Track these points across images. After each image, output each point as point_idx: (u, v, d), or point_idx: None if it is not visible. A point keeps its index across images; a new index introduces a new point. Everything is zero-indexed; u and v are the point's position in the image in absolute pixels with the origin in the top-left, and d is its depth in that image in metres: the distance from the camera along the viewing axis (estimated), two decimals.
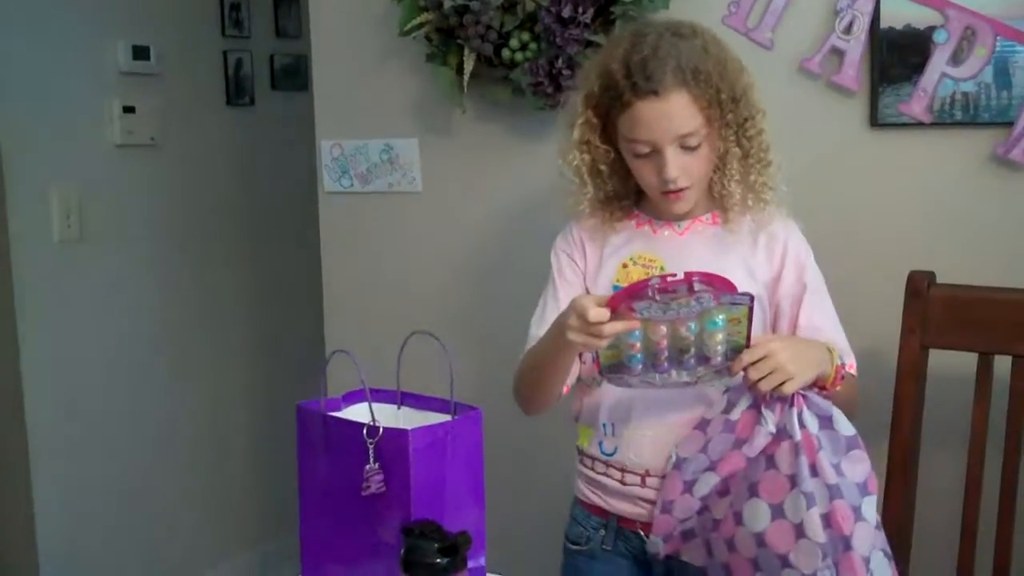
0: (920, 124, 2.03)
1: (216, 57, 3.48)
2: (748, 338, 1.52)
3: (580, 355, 1.69)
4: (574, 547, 1.79)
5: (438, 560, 1.21)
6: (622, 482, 1.70)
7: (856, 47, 2.05)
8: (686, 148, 1.60)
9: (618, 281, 1.68)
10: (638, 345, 1.53)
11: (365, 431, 1.36)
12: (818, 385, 1.56)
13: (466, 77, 2.26)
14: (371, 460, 1.36)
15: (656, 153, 1.60)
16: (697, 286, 1.46)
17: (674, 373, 1.57)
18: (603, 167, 1.69)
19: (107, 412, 3.15)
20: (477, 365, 1.88)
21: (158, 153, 3.27)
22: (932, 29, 1.99)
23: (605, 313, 1.46)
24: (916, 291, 1.88)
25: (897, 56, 2.03)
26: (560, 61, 2.16)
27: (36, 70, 2.90)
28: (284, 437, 1.88)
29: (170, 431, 3.35)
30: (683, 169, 1.60)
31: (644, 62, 1.58)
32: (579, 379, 1.75)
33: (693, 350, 1.55)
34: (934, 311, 1.87)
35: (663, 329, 1.52)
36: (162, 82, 3.26)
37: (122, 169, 3.16)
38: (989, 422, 1.84)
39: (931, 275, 1.89)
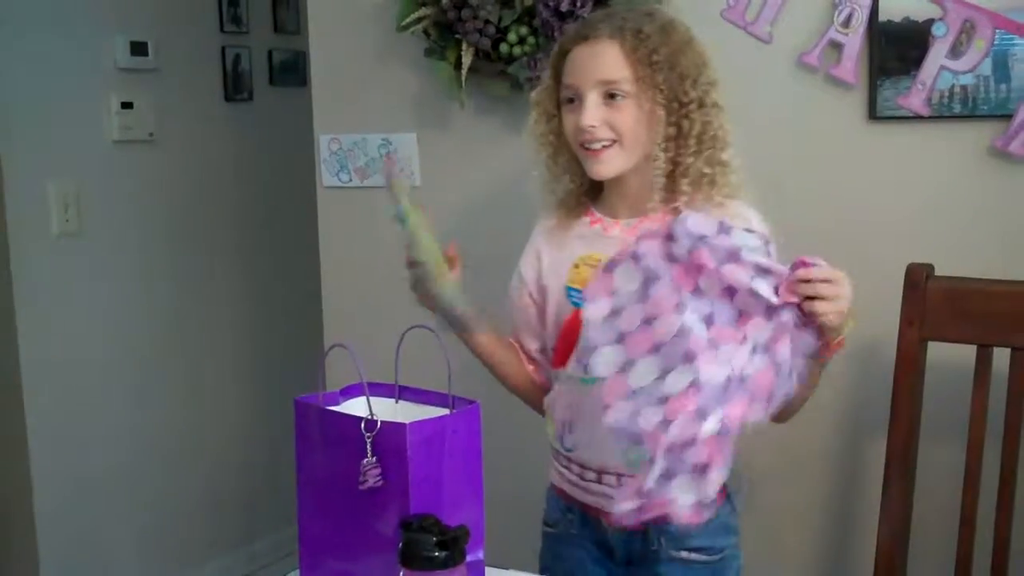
0: (919, 117, 2.03)
1: (214, 53, 3.49)
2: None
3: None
4: (548, 529, 1.83)
5: (436, 554, 1.20)
6: (581, 477, 1.71)
7: (855, 40, 2.04)
8: (609, 99, 1.59)
9: (571, 282, 1.68)
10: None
11: (363, 425, 1.36)
12: (827, 339, 1.49)
13: (464, 71, 2.26)
14: (369, 454, 1.36)
15: (579, 102, 1.61)
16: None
17: None
18: (558, 161, 1.71)
19: (105, 405, 3.16)
20: (475, 359, 1.87)
21: (156, 148, 3.27)
22: (931, 22, 1.99)
23: None
24: (914, 283, 1.88)
25: (895, 49, 2.03)
26: None
27: (34, 65, 2.90)
28: (282, 431, 1.87)
29: (168, 424, 3.35)
30: (603, 120, 1.60)
31: (590, 19, 1.66)
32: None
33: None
34: (932, 303, 1.87)
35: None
36: (160, 78, 3.26)
37: (120, 164, 3.16)
38: (988, 414, 1.84)
39: (929, 267, 1.89)
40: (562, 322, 1.69)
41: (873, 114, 2.06)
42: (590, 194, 1.74)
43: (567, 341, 1.65)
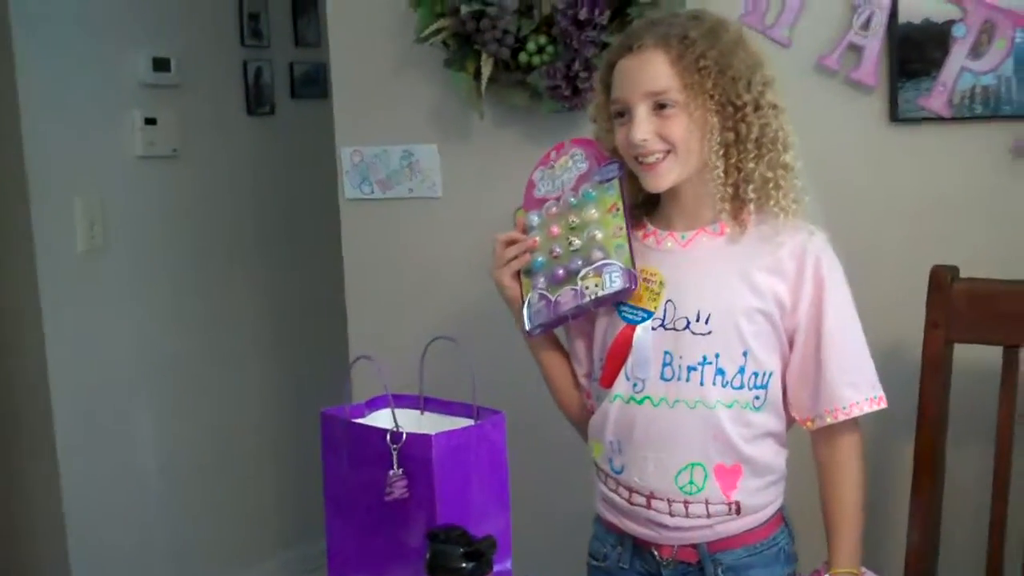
0: (940, 118, 2.02)
1: (236, 67, 3.50)
2: (628, 231, 1.59)
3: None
4: (594, 563, 1.76)
5: (463, 565, 1.21)
6: (629, 501, 1.65)
7: (874, 43, 2.04)
8: (659, 109, 1.55)
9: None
10: (538, 240, 1.66)
11: (388, 437, 1.37)
12: None
13: (484, 82, 2.27)
14: (395, 466, 1.36)
15: (630, 115, 1.57)
16: (568, 145, 1.69)
17: (568, 288, 1.61)
18: None
19: (132, 418, 3.18)
20: (499, 369, 1.88)
21: (180, 163, 3.29)
22: (951, 23, 1.98)
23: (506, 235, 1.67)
24: (939, 285, 1.87)
25: (916, 51, 2.02)
26: (577, 64, 2.16)
27: (58, 83, 2.92)
28: (309, 443, 1.88)
29: (194, 437, 3.37)
30: (654, 133, 1.55)
31: (634, 28, 1.61)
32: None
33: (579, 242, 1.61)
34: (957, 305, 1.86)
35: (554, 211, 1.66)
36: (183, 93, 3.28)
37: (145, 180, 3.18)
38: (1015, 415, 1.83)
39: (954, 269, 1.88)
40: (611, 339, 1.65)
41: (894, 116, 2.06)
42: (643, 206, 1.69)
43: (616, 358, 1.63)
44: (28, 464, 3.03)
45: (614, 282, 1.58)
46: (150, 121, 3.16)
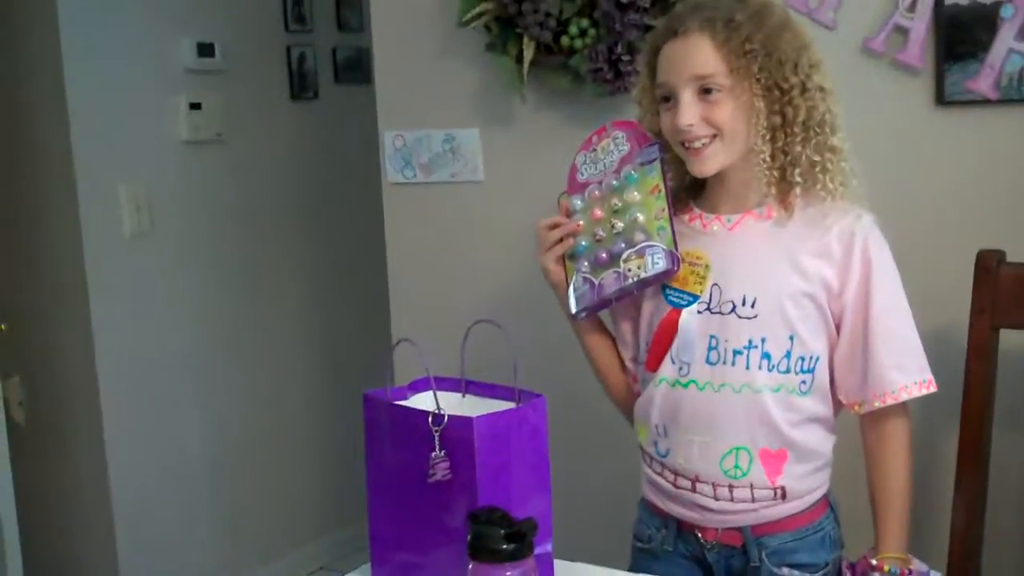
0: (987, 101, 2.00)
1: (280, 52, 3.52)
2: (670, 212, 1.59)
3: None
4: (640, 544, 1.76)
5: (505, 546, 1.21)
6: (675, 484, 1.65)
7: (920, 25, 2.02)
8: (705, 94, 1.54)
9: (667, 281, 1.63)
10: (581, 224, 1.66)
11: (430, 419, 1.37)
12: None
13: (526, 65, 2.27)
14: (437, 448, 1.37)
15: (675, 100, 1.56)
16: (610, 128, 1.68)
17: (611, 271, 1.61)
18: None
19: (178, 400, 3.22)
20: (541, 353, 1.88)
21: (225, 148, 3.31)
22: (998, 4, 1.96)
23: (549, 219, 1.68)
24: (986, 270, 1.85)
25: (963, 33, 2.00)
26: (620, 47, 2.16)
27: (104, 69, 2.96)
28: (351, 425, 1.89)
29: (239, 420, 3.41)
30: (700, 117, 1.54)
31: (678, 11, 1.60)
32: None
33: (622, 225, 1.61)
34: (1004, 290, 1.84)
35: (597, 195, 1.67)
36: (227, 78, 3.30)
37: (190, 164, 3.21)
38: None
39: (1001, 253, 1.86)
40: (657, 323, 1.65)
41: (940, 99, 2.04)
42: (690, 190, 1.69)
43: (662, 342, 1.63)
44: (77, 446, 3.07)
45: (657, 264, 1.57)
46: (195, 106, 3.19)
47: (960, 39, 2.00)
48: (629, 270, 1.60)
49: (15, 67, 2.97)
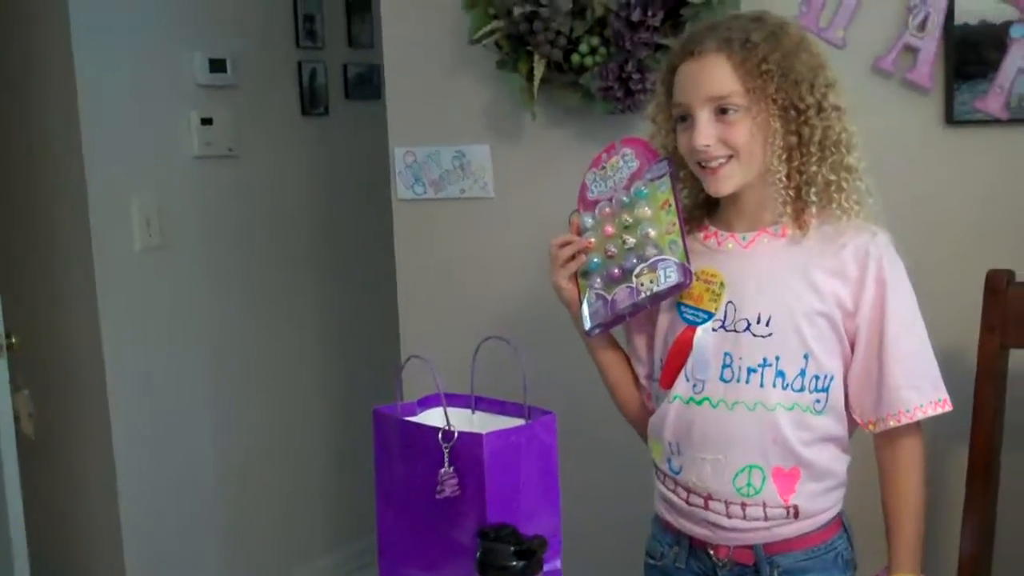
0: (997, 121, 2.00)
1: (291, 68, 3.54)
2: (681, 226, 1.59)
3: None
4: (651, 561, 1.75)
5: (514, 563, 1.21)
6: (687, 502, 1.65)
7: (930, 44, 2.02)
8: (721, 114, 1.54)
9: (683, 298, 1.62)
10: (592, 241, 1.67)
11: (440, 435, 1.38)
12: None
13: (536, 83, 2.27)
14: (446, 464, 1.37)
15: (692, 120, 1.56)
16: (619, 146, 1.70)
17: (624, 286, 1.62)
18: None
19: (187, 413, 3.23)
20: (550, 370, 1.88)
21: (236, 163, 3.32)
22: (1008, 24, 1.96)
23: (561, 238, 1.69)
24: (995, 290, 1.85)
25: (972, 52, 2.00)
26: (630, 65, 2.16)
27: (116, 84, 2.97)
28: (361, 441, 1.90)
29: (248, 435, 3.40)
30: (716, 138, 1.54)
31: (695, 31, 1.60)
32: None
33: (633, 240, 1.62)
34: (1013, 310, 1.84)
35: (607, 211, 1.67)
36: (238, 93, 3.32)
37: (201, 179, 3.22)
38: None
39: (1010, 273, 1.86)
40: (672, 340, 1.65)
41: (950, 118, 2.04)
42: (704, 208, 1.69)
43: (676, 359, 1.63)
44: (86, 459, 3.08)
45: (669, 277, 1.58)
46: (206, 121, 3.20)
47: (970, 59, 2.01)
48: (642, 284, 1.60)
49: (27, 80, 2.99)
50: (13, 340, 2.63)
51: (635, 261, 1.61)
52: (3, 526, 2.65)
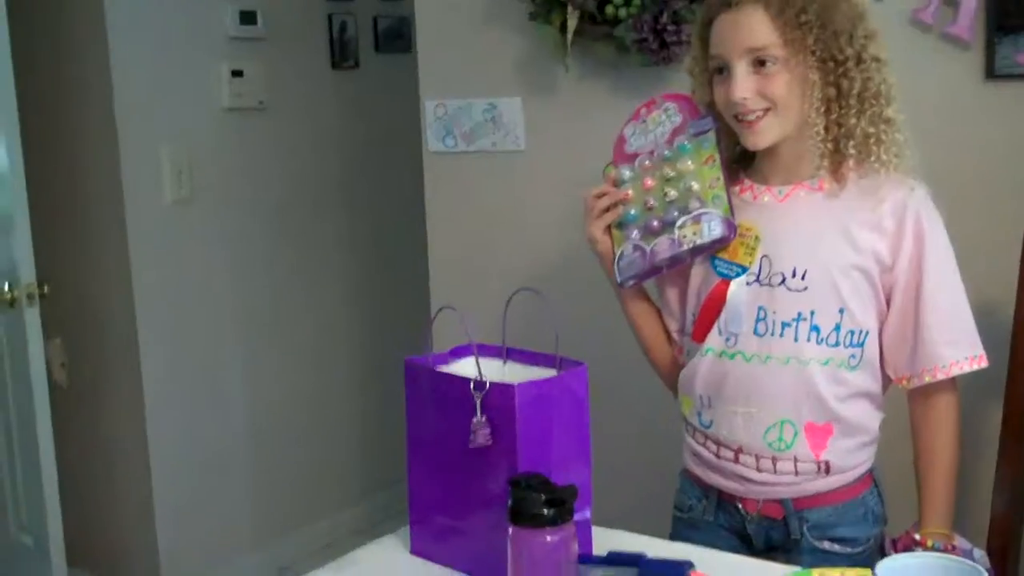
0: None
1: (321, 20, 3.52)
2: (725, 182, 1.58)
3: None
4: (680, 514, 1.76)
5: (545, 511, 1.21)
6: (717, 455, 1.65)
7: None
8: (759, 67, 1.52)
9: (718, 253, 1.61)
10: (630, 192, 1.65)
11: (472, 385, 1.38)
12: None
13: (569, 35, 2.26)
14: (478, 413, 1.37)
15: (729, 72, 1.54)
16: (660, 100, 1.68)
17: (665, 237, 1.61)
18: None
19: (218, 363, 3.25)
20: (581, 321, 1.88)
21: (266, 116, 3.32)
22: None
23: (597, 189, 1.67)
24: None
25: (1013, 5, 1.97)
26: (665, 16, 2.14)
27: (147, 37, 2.97)
28: (392, 392, 1.90)
29: (279, 385, 3.43)
30: (754, 91, 1.52)
31: None
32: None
33: (675, 193, 1.60)
34: None
35: (648, 165, 1.65)
36: (269, 46, 3.31)
37: (231, 132, 3.23)
38: None
39: None
40: (705, 294, 1.64)
41: (990, 72, 2.01)
42: (740, 161, 1.67)
43: (710, 313, 1.62)
44: (116, 407, 3.11)
45: (713, 230, 1.57)
46: (237, 73, 3.20)
47: (1011, 12, 1.97)
48: (684, 236, 1.59)
49: (59, 30, 2.98)
50: (45, 289, 2.65)
51: (677, 213, 1.60)
52: (35, 473, 2.68)
